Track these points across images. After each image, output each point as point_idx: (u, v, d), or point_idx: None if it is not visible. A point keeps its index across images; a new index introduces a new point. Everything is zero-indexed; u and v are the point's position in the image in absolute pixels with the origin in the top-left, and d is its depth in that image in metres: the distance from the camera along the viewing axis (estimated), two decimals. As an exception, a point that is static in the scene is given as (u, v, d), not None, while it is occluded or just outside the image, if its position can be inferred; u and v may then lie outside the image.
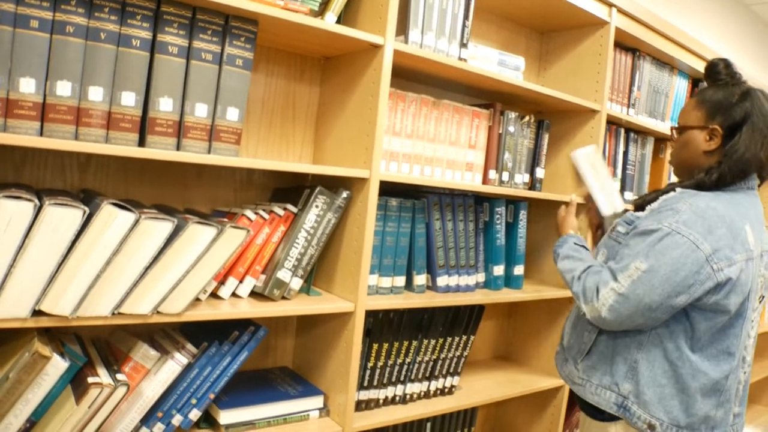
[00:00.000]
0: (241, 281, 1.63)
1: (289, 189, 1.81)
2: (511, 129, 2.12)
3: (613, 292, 1.42)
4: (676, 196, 1.49)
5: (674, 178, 2.92)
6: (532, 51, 2.57)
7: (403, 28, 1.77)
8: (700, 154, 1.54)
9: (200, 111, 1.48)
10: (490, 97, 2.24)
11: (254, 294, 1.67)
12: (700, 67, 2.90)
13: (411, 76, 2.05)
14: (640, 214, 1.56)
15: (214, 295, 1.61)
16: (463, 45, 1.92)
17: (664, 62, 2.76)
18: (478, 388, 2.18)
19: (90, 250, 1.29)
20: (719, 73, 1.58)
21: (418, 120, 1.90)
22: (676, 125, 1.62)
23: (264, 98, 1.85)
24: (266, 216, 1.64)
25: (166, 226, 1.36)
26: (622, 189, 2.61)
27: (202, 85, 1.48)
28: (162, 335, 1.67)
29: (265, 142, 1.87)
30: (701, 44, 2.93)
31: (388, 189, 1.93)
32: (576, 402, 1.71)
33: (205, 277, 1.46)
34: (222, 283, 1.61)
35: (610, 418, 1.54)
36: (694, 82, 3.00)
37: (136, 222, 1.32)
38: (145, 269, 1.36)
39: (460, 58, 1.91)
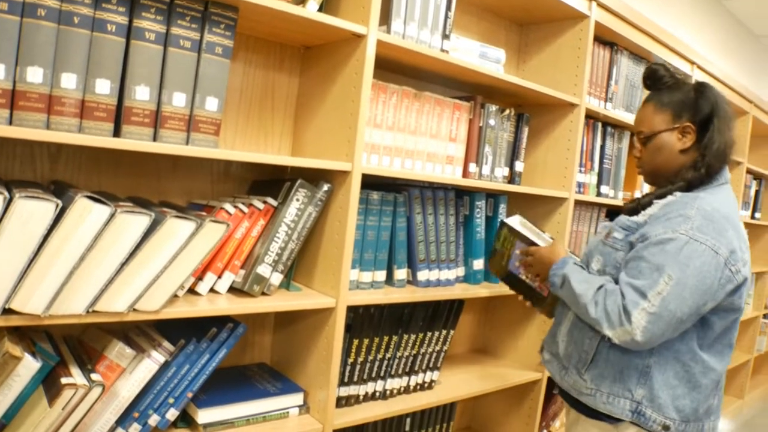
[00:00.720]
0: (219, 277, 1.59)
1: (268, 182, 1.77)
2: (492, 122, 2.10)
3: (645, 313, 1.39)
4: (679, 201, 1.50)
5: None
6: (511, 43, 2.56)
7: (385, 18, 1.74)
8: (677, 154, 1.57)
9: (178, 100, 1.43)
10: (469, 90, 2.22)
11: (233, 290, 1.62)
12: (676, 62, 2.93)
13: (392, 68, 2.02)
14: (636, 219, 1.56)
15: (191, 291, 1.56)
16: (445, 36, 1.89)
17: (641, 57, 2.77)
18: (457, 383, 2.17)
19: (63, 246, 1.23)
20: (663, 77, 1.62)
21: (400, 112, 1.86)
22: (641, 134, 1.63)
23: (242, 88, 1.80)
24: (245, 209, 1.60)
25: (143, 220, 1.31)
26: (599, 182, 2.61)
27: (180, 73, 1.43)
28: (137, 332, 1.62)
29: (243, 134, 1.82)
30: (677, 39, 2.95)
31: (367, 182, 1.90)
32: (566, 401, 1.69)
33: (183, 273, 1.41)
34: (200, 278, 1.56)
35: (616, 420, 1.53)
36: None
37: (112, 216, 1.27)
38: (121, 265, 1.31)
39: (442, 50, 1.88)
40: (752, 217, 4.45)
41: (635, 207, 1.61)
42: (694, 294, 1.38)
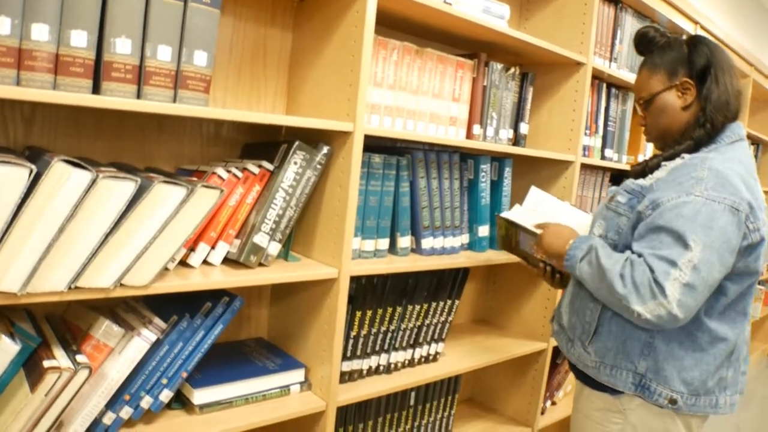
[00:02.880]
0: (213, 247, 1.47)
1: (261, 144, 1.64)
2: (496, 81, 1.98)
3: (678, 284, 1.26)
4: (687, 163, 1.40)
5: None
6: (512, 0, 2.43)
7: (385, -32, 1.61)
8: (679, 111, 1.49)
9: (163, 54, 1.30)
10: (471, 48, 2.09)
11: (228, 261, 1.51)
12: (680, 21, 2.82)
13: (391, 23, 1.88)
14: (641, 182, 1.46)
15: (183, 263, 1.45)
16: (448, -13, 1.76)
17: (645, 15, 2.65)
18: (461, 354, 2.08)
19: (39, 216, 1.11)
20: (654, 38, 1.56)
21: (401, 70, 1.74)
22: (640, 100, 1.56)
23: (232, 44, 1.66)
24: (239, 174, 1.48)
25: (128, 186, 1.19)
26: (603, 146, 2.51)
27: (165, 24, 1.29)
28: (125, 309, 1.50)
29: (233, 92, 1.69)
30: (682, -3, 2.83)
31: (367, 145, 1.78)
32: (573, 371, 1.60)
33: (174, 243, 1.29)
34: (192, 249, 1.44)
35: (620, 392, 1.45)
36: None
37: (93, 182, 1.14)
38: (105, 236, 1.19)
39: (445, 2, 1.75)
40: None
41: (642, 169, 1.52)
42: (722, 257, 1.29)
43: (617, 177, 2.61)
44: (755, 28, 4.23)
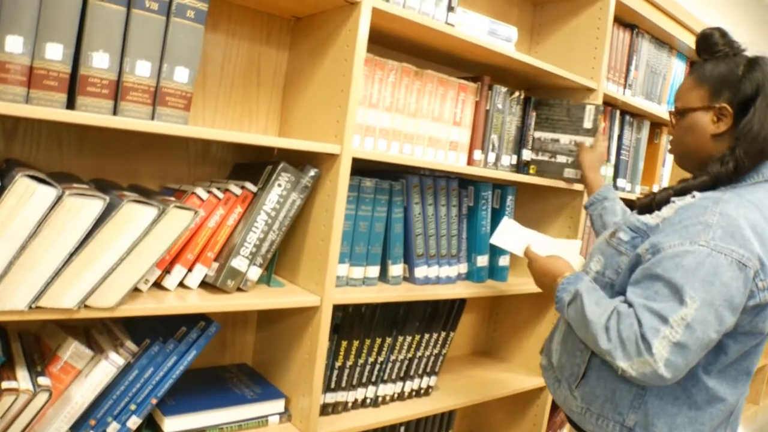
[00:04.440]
0: (190, 270, 1.42)
1: (251, 165, 1.59)
2: (500, 105, 1.92)
3: (667, 342, 1.14)
4: (698, 204, 1.25)
5: (669, 167, 2.76)
6: (524, 22, 2.37)
7: (383, -14, 1.56)
8: (708, 138, 1.33)
9: (142, 69, 1.26)
10: (476, 71, 2.03)
11: (207, 284, 1.45)
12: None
13: (391, 43, 1.84)
14: (647, 219, 1.32)
15: (158, 285, 1.40)
16: (450, 8, 1.70)
17: (663, 41, 2.57)
18: (456, 389, 2.00)
19: (0, 232, 1.07)
20: (716, 44, 1.38)
21: (398, 91, 1.68)
22: (674, 109, 1.41)
23: (224, 61, 1.63)
24: (220, 195, 1.43)
25: (95, 205, 1.14)
26: (615, 175, 2.43)
27: (145, 39, 1.25)
28: (101, 329, 1.45)
29: (224, 112, 1.64)
30: (702, 23, 2.75)
31: (362, 168, 1.72)
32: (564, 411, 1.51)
33: (143, 265, 1.24)
34: (167, 271, 1.39)
35: None
36: (692, 64, 2.83)
37: (59, 199, 1.10)
38: (69, 255, 1.14)
39: (447, 23, 1.69)
40: None
41: (649, 203, 1.37)
42: (721, 316, 1.15)
43: (630, 208, 2.51)
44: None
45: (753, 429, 4.37)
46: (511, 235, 1.74)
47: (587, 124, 2.04)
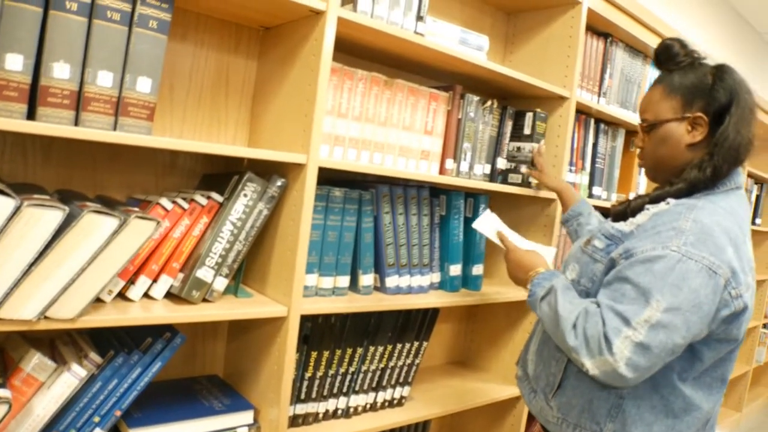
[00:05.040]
0: (155, 280, 1.40)
1: (220, 176, 1.59)
2: (472, 114, 1.92)
3: (630, 343, 1.15)
4: (672, 210, 1.26)
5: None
6: (498, 32, 2.38)
7: (351, -4, 1.57)
8: (683, 148, 1.33)
9: (104, 80, 1.25)
10: (449, 80, 2.04)
11: (172, 295, 1.44)
12: (675, 56, 2.75)
13: (362, 53, 1.84)
14: (621, 227, 1.33)
15: (123, 296, 1.38)
16: (419, 18, 1.71)
17: (637, 50, 2.59)
18: (431, 399, 1.99)
19: (-45, 243, 1.06)
20: (677, 54, 1.38)
21: (368, 101, 1.69)
22: (644, 122, 1.40)
23: (192, 71, 1.62)
24: (185, 206, 1.42)
25: (54, 215, 1.14)
26: (591, 183, 2.44)
27: (107, 49, 1.25)
28: (66, 341, 1.44)
29: (192, 122, 1.64)
30: (676, 32, 2.77)
31: (334, 178, 1.73)
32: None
33: (105, 276, 1.23)
34: (132, 282, 1.38)
35: None
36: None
37: (17, 209, 1.09)
38: (28, 266, 1.13)
39: (416, 32, 1.70)
40: (753, 223, 4.27)
41: (623, 211, 1.38)
42: (688, 321, 1.16)
43: (605, 216, 2.52)
44: (754, 61, 4.15)
45: (736, 436, 4.38)
46: (492, 225, 1.73)
47: (527, 130, 2.09)
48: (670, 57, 1.38)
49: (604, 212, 2.46)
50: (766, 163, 4.50)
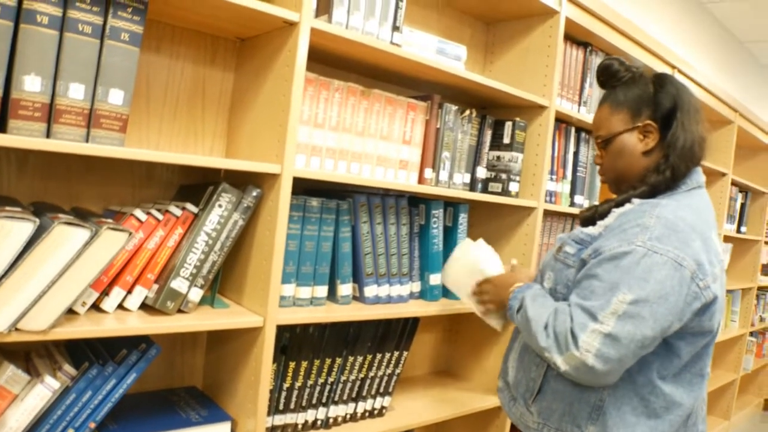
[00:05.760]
0: (129, 292, 1.40)
1: (196, 187, 1.59)
2: (451, 123, 1.93)
3: (598, 334, 1.19)
4: (636, 209, 1.31)
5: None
6: (477, 42, 2.40)
7: (327, 7, 1.57)
8: (639, 156, 1.40)
9: (76, 92, 1.26)
10: (428, 90, 2.05)
11: (148, 306, 1.44)
12: (654, 65, 2.78)
13: (338, 63, 1.85)
14: (590, 231, 1.38)
15: (97, 308, 1.38)
16: (395, 28, 1.72)
17: (617, 59, 2.61)
18: (412, 409, 1.98)
19: None
20: (618, 71, 1.46)
21: (345, 111, 1.69)
22: (599, 138, 1.47)
23: (168, 83, 1.63)
24: (160, 217, 1.42)
25: (25, 227, 1.13)
26: (572, 192, 2.45)
27: (78, 62, 1.25)
28: (42, 353, 1.44)
29: (168, 133, 1.64)
30: (656, 41, 2.80)
31: (312, 188, 1.73)
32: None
33: (77, 287, 1.22)
34: (106, 293, 1.38)
35: None
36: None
37: (-14, 222, 1.09)
38: (-2, 278, 1.13)
39: (392, 43, 1.71)
40: (738, 231, 4.29)
41: (591, 216, 1.43)
42: (655, 313, 1.19)
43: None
44: (736, 71, 4.18)
45: (726, 443, 4.38)
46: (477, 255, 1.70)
47: (506, 139, 2.12)
48: (612, 75, 1.47)
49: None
50: (750, 170, 4.54)
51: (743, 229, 4.41)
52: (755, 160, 4.63)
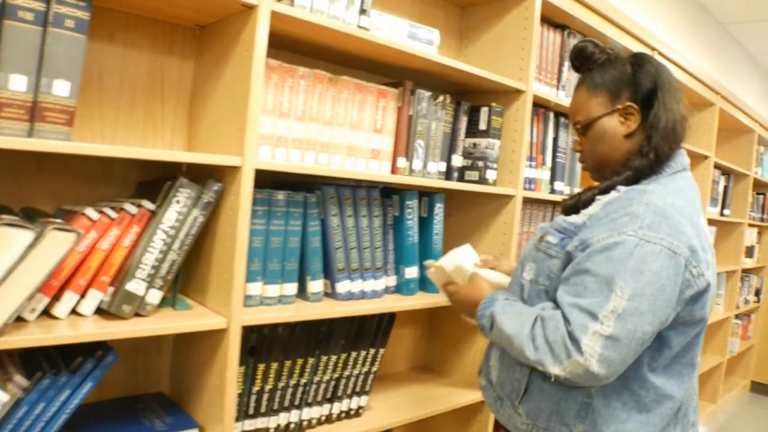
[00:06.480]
0: (83, 296, 1.32)
1: (155, 182, 1.50)
2: (424, 110, 1.85)
3: (599, 337, 1.11)
4: (623, 197, 1.25)
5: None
6: (452, 27, 2.32)
7: (289, -10, 1.49)
8: (621, 139, 1.34)
9: (17, 84, 1.17)
10: (400, 76, 1.97)
11: (105, 311, 1.35)
12: (634, 47, 2.72)
13: (304, 50, 1.77)
14: (574, 219, 1.31)
15: (49, 314, 1.30)
16: (363, 11, 1.64)
17: (595, 41, 2.54)
18: (391, 407, 1.91)
19: None
20: (593, 54, 1.40)
21: (312, 99, 1.61)
22: (577, 124, 1.40)
23: (123, 74, 1.54)
24: (114, 215, 1.33)
25: (-40, 231, 1.05)
26: (552, 178, 2.38)
27: (19, 51, 1.17)
28: (-7, 363, 1.35)
29: (126, 126, 1.55)
30: (636, 23, 2.74)
31: (281, 181, 1.66)
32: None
33: (22, 292, 1.15)
34: (57, 298, 1.29)
35: None
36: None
37: None
38: (-67, 286, 1.05)
39: (359, 26, 1.63)
40: (721, 214, 4.26)
41: (574, 204, 1.36)
42: (653, 306, 1.13)
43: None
44: (717, 52, 4.13)
45: (712, 428, 4.37)
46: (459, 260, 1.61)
47: (482, 125, 2.06)
48: (587, 57, 1.41)
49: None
50: (731, 153, 4.51)
51: (726, 212, 4.38)
52: (737, 142, 4.60)
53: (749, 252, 4.86)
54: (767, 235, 5.39)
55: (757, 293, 5.35)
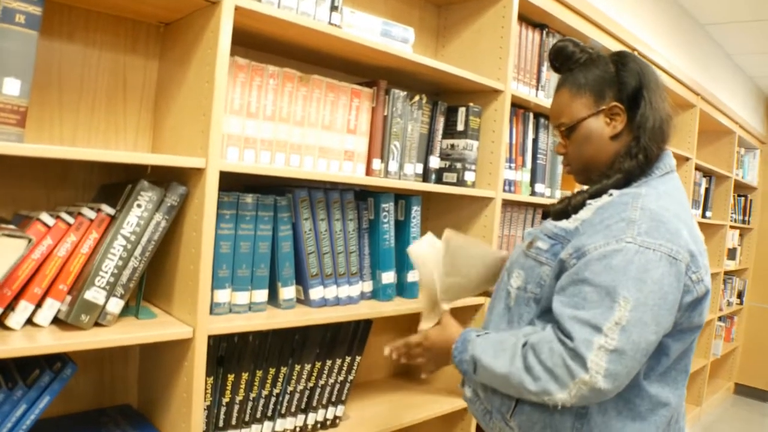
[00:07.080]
0: (39, 305, 1.25)
1: (117, 186, 1.43)
2: (399, 110, 1.80)
3: (604, 352, 1.06)
4: (616, 201, 1.20)
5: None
6: (428, 25, 2.27)
7: (256, -15, 1.44)
8: (607, 141, 1.29)
9: (-38, 82, 1.11)
10: (374, 76, 1.92)
11: (62, 321, 1.29)
12: (614, 47, 2.69)
13: (274, 48, 1.71)
14: (565, 225, 1.25)
15: (2, 324, 1.23)
16: (334, 8, 1.59)
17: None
18: (369, 417, 1.85)
19: None
20: (573, 53, 1.34)
21: (281, 99, 1.56)
22: (561, 126, 1.34)
23: (83, 73, 1.47)
24: (71, 220, 1.27)
25: None
26: (533, 180, 2.34)
27: (-35, 47, 1.11)
28: (-54, 378, 1.28)
29: (86, 128, 1.49)
30: (616, 23, 2.72)
31: (252, 185, 1.60)
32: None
33: (-32, 303, 1.08)
34: (11, 308, 1.23)
35: None
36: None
37: None
38: None
39: (330, 23, 1.58)
40: (703, 216, 4.25)
41: (564, 209, 1.29)
42: (657, 315, 1.08)
43: (544, 216, 2.43)
44: (698, 54, 4.12)
45: (697, 431, 4.35)
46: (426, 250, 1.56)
47: (460, 126, 2.02)
48: (567, 57, 1.35)
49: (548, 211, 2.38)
50: (712, 155, 4.50)
51: (708, 214, 4.37)
52: (718, 144, 4.60)
53: (731, 254, 4.85)
54: (749, 237, 5.40)
55: (740, 295, 5.34)
